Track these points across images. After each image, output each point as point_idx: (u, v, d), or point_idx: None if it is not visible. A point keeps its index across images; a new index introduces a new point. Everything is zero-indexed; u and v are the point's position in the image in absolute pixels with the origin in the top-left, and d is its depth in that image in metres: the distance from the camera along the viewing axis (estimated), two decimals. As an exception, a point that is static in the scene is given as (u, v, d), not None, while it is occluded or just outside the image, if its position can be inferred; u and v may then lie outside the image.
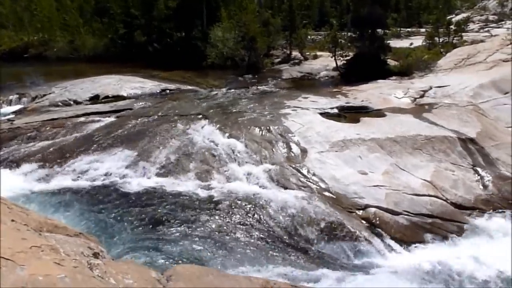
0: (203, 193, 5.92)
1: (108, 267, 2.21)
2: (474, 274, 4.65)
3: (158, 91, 11.28)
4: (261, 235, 5.08)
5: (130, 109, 9.44)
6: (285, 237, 5.11)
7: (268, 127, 7.51)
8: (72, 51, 20.67)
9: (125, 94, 10.90)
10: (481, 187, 6.34)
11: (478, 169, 6.66)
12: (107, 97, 10.72)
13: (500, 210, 5.98)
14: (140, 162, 6.79)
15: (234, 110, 8.69)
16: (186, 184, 6.17)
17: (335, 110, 8.60)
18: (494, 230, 5.53)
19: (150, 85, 11.68)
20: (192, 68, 14.48)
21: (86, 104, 10.22)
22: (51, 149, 7.33)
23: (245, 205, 5.62)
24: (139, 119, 8.52)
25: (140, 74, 13.10)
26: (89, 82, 11.74)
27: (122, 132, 7.93)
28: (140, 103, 9.92)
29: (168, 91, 11.40)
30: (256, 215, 5.41)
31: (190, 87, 11.87)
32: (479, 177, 6.52)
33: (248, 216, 5.45)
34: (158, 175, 6.47)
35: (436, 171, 6.43)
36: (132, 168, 6.66)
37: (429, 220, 5.64)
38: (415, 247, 5.18)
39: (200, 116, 8.36)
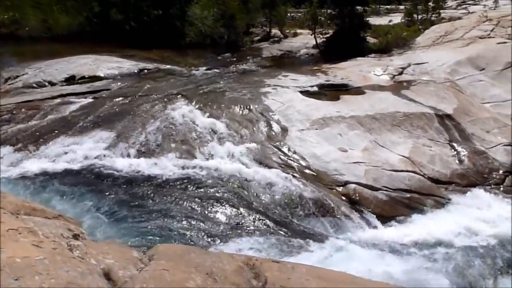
0: (184, 173, 5.90)
1: (88, 248, 2.19)
2: (451, 246, 4.81)
3: (136, 71, 11.05)
4: (243, 213, 5.12)
5: (108, 89, 9.24)
6: (266, 214, 5.16)
7: (248, 106, 7.49)
8: (45, 30, 19.97)
9: (102, 75, 10.64)
10: (457, 162, 6.51)
11: (454, 144, 6.82)
12: (83, 77, 10.45)
13: (475, 184, 6.17)
14: (119, 143, 6.70)
15: (214, 89, 8.60)
16: (167, 164, 6.13)
17: (315, 88, 8.61)
18: (469, 203, 5.71)
19: (128, 65, 11.43)
20: (170, 47, 14.19)
21: (62, 85, 9.95)
22: (26, 132, 7.15)
23: (227, 184, 5.64)
24: (117, 100, 8.37)
25: (117, 54, 12.78)
26: (64, 62, 11.41)
27: (100, 113, 7.78)
28: (118, 84, 9.72)
29: (146, 71, 11.18)
30: (237, 194, 5.44)
31: (169, 67, 11.67)
32: (455, 152, 6.68)
33: (229, 194, 5.47)
34: (138, 155, 6.40)
35: (414, 147, 6.56)
36: (112, 149, 6.57)
37: (407, 195, 5.78)
38: (394, 221, 5.32)
39: (180, 95, 8.25)
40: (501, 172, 6.39)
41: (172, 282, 1.91)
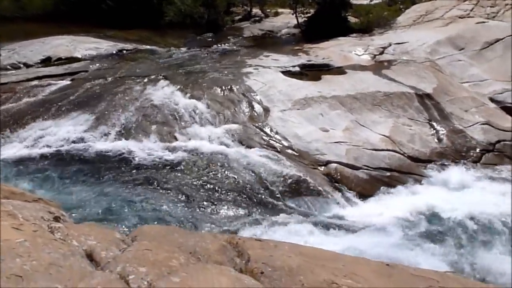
0: (166, 155, 5.87)
1: (70, 230, 2.18)
2: (430, 222, 4.95)
3: (114, 52, 10.81)
4: (226, 193, 5.14)
5: (86, 71, 9.03)
6: (249, 194, 5.20)
7: (229, 87, 7.43)
8: (18, 10, 19.25)
9: (79, 56, 10.39)
10: (436, 140, 6.63)
11: (434, 123, 6.94)
12: (60, 59, 10.18)
13: (453, 162, 6.31)
14: (99, 125, 6.60)
15: (194, 70, 8.50)
16: (148, 146, 6.08)
17: (297, 68, 8.59)
18: (448, 180, 5.86)
19: (106, 46, 11.17)
20: (149, 27, 13.88)
21: (38, 67, 9.69)
22: (2, 116, 6.97)
23: (209, 165, 5.64)
24: (96, 82, 8.20)
25: (95, 34, 12.46)
26: (39, 43, 11.08)
27: (78, 95, 7.62)
28: (96, 65, 9.51)
29: (125, 51, 10.95)
30: (220, 174, 5.45)
31: (148, 47, 11.46)
32: (434, 131, 6.80)
33: (212, 175, 5.48)
34: (118, 138, 6.32)
35: (394, 126, 6.65)
36: (91, 132, 6.47)
37: (388, 174, 5.90)
38: (374, 199, 5.44)
39: (160, 77, 8.13)
40: (478, 150, 6.55)
41: (155, 262, 1.92)
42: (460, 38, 9.77)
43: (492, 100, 7.82)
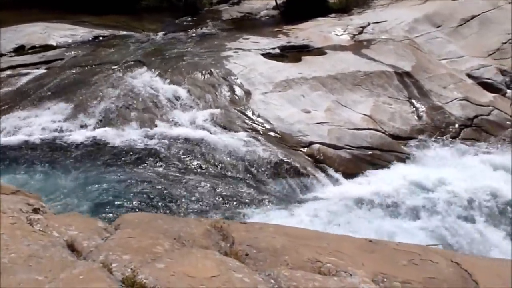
0: (148, 142, 5.80)
1: (49, 221, 2.15)
2: (411, 198, 5.05)
3: (90, 38, 10.55)
4: (210, 178, 5.13)
5: (61, 59, 8.80)
6: (233, 178, 5.20)
7: (210, 71, 7.35)
8: (-13, -2, 18.54)
9: (54, 43, 10.09)
10: (416, 117, 6.72)
11: (413, 101, 7.02)
12: (34, 47, 9.87)
13: (433, 138, 6.42)
14: (78, 114, 6.47)
15: (173, 55, 8.36)
16: (129, 134, 6.00)
17: (277, 50, 8.53)
18: (429, 156, 5.97)
19: (82, 32, 10.88)
20: (126, 12, 13.54)
21: (11, 56, 9.39)
22: (-24, 106, 6.77)
23: (192, 150, 5.60)
24: (73, 70, 8.01)
25: (69, 21, 12.09)
26: (11, 31, 10.72)
27: (55, 84, 7.44)
28: (72, 52, 9.27)
29: (101, 37, 10.68)
30: (203, 159, 5.43)
31: (125, 33, 11.20)
32: (414, 108, 6.88)
33: (195, 160, 5.46)
34: (98, 126, 6.21)
35: (375, 105, 6.70)
36: (70, 121, 6.35)
37: (369, 152, 5.97)
38: (357, 177, 5.51)
39: (138, 62, 7.99)
40: (456, 125, 6.66)
41: (138, 249, 1.91)
42: (437, 16, 9.81)
43: (469, 76, 7.92)
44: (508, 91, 7.73)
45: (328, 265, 2.01)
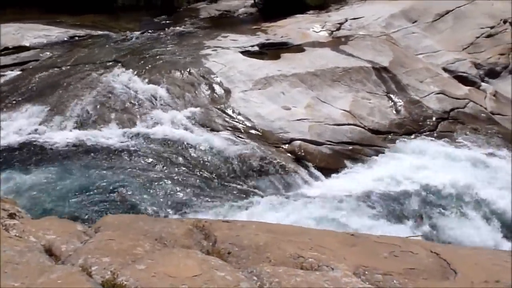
0: (127, 142, 5.74)
1: (26, 226, 2.10)
2: (392, 191, 5.12)
3: (66, 39, 10.34)
4: (191, 177, 5.10)
5: (36, 60, 8.61)
6: (215, 176, 5.18)
7: (189, 70, 7.30)
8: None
9: (28, 44, 9.86)
10: (394, 112, 6.82)
11: (391, 95, 7.11)
12: (6, 48, 9.62)
13: (411, 132, 6.53)
14: (55, 116, 6.35)
15: (151, 54, 8.27)
16: (108, 135, 5.91)
17: (256, 48, 8.52)
18: (408, 150, 6.06)
19: (57, 33, 10.65)
20: (102, 11, 13.33)
21: (-17, 58, 9.14)
22: None
23: (172, 150, 5.57)
24: (48, 71, 7.84)
25: (43, 21, 11.82)
26: (-18, 32, 10.44)
27: (30, 86, 7.28)
28: (47, 53, 9.07)
29: (77, 38, 10.49)
30: (184, 159, 5.39)
31: (102, 32, 11.02)
32: (392, 103, 6.98)
33: (176, 160, 5.41)
34: (76, 128, 6.11)
35: (354, 101, 6.77)
36: (47, 124, 6.22)
37: (350, 147, 6.03)
38: (338, 172, 5.56)
39: (116, 63, 7.87)
40: (434, 118, 6.78)
41: (119, 251, 1.88)
42: (413, 11, 9.96)
43: (445, 70, 8.07)
44: (483, 84, 7.91)
45: (310, 260, 2.02)
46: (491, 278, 2.06)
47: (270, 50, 8.51)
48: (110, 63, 7.94)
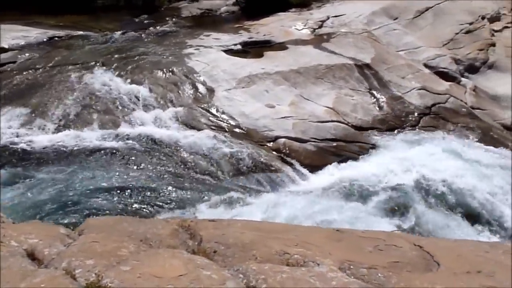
0: (111, 144, 5.67)
1: (7, 230, 2.06)
2: (376, 186, 5.18)
3: (45, 40, 10.16)
4: (176, 177, 5.08)
5: (14, 62, 8.44)
6: (199, 177, 5.17)
7: (171, 69, 7.25)
8: None
9: (5, 46, 9.64)
10: (377, 108, 6.89)
11: (374, 92, 7.19)
12: (-17, 50, 9.43)
13: (394, 127, 6.61)
14: (35, 119, 6.24)
15: (133, 54, 8.18)
16: (91, 137, 5.84)
17: (239, 46, 8.51)
18: (391, 145, 6.15)
19: (35, 33, 10.46)
20: (82, 11, 13.13)
21: (-41, 61, 8.92)
22: None
23: (156, 150, 5.52)
24: (27, 73, 7.69)
25: (22, 22, 11.60)
26: (-42, 34, 10.18)
27: (8, 88, 7.14)
28: (26, 55, 8.90)
29: (57, 38, 10.31)
30: (168, 159, 5.36)
31: (82, 33, 10.85)
32: (375, 99, 7.05)
33: (160, 160, 5.38)
34: (58, 130, 6.02)
35: (337, 98, 6.82)
36: (28, 127, 6.11)
37: (334, 144, 6.08)
38: (323, 169, 5.60)
39: (97, 63, 7.77)
40: (416, 114, 6.88)
41: (103, 253, 1.86)
42: (394, 8, 10.07)
43: (426, 66, 8.19)
44: (463, 79, 8.05)
45: (296, 256, 2.03)
46: (473, 269, 2.10)
47: (253, 49, 8.52)
48: (91, 63, 7.83)
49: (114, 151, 5.50)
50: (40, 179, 5.01)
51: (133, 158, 5.38)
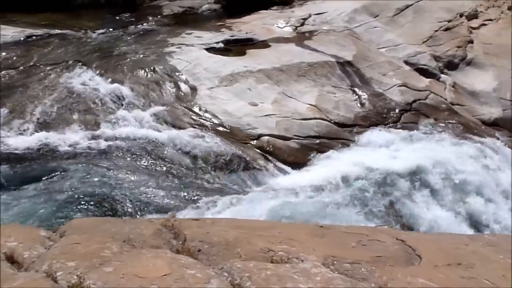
0: (93, 144, 5.59)
1: (-15, 234, 2.01)
2: (358, 181, 5.24)
3: (22, 39, 9.92)
4: (160, 177, 5.04)
5: (-9, 62, 8.25)
6: (184, 175, 5.14)
7: (153, 68, 7.19)
8: None
9: (-18, 45, 9.43)
10: (359, 105, 6.96)
11: (356, 89, 7.25)
12: (-43, 50, 9.18)
13: (376, 124, 6.69)
14: (14, 120, 6.10)
15: (114, 53, 8.09)
16: (72, 137, 5.74)
17: (221, 45, 8.48)
18: (373, 141, 6.22)
19: (12, 32, 10.20)
20: (61, 9, 12.85)
21: None
22: None
23: (140, 150, 5.47)
24: (4, 73, 7.52)
25: (-3, 21, 11.34)
26: None
27: (-15, 89, 6.96)
28: (2, 54, 8.68)
29: (35, 37, 10.08)
30: (151, 159, 5.31)
31: (61, 31, 10.65)
32: (357, 96, 7.12)
33: (143, 160, 5.33)
34: (38, 131, 5.89)
35: (320, 95, 6.86)
36: (6, 128, 5.97)
37: (317, 141, 6.12)
38: (307, 166, 5.63)
39: (77, 62, 7.65)
40: (397, 110, 6.98)
41: (85, 254, 1.84)
42: (374, 6, 10.17)
43: (406, 62, 8.30)
44: (442, 75, 8.18)
45: (280, 253, 2.04)
46: (453, 261, 2.14)
47: (236, 47, 8.49)
48: (71, 62, 7.70)
49: (95, 151, 5.42)
50: (19, 182, 4.91)
51: (115, 158, 5.31)
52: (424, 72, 8.11)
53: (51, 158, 5.36)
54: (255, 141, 5.88)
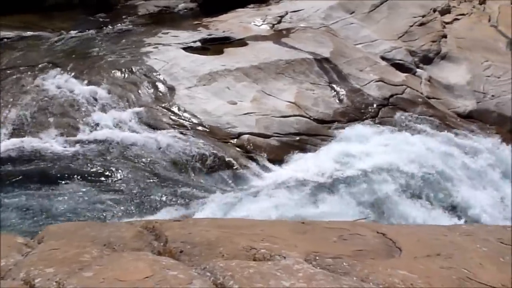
0: (70, 148, 5.50)
1: (-42, 243, 1.95)
2: (337, 177, 5.30)
3: (-7, 42, 9.68)
4: (139, 179, 4.99)
5: (-40, 66, 8.00)
6: (164, 177, 5.10)
7: (130, 69, 7.10)
8: None
9: (-51, 49, 9.14)
10: (338, 101, 7.03)
11: (334, 85, 7.32)
12: None
13: (354, 119, 6.76)
14: (-14, 125, 5.94)
15: (89, 54, 7.95)
16: (48, 142, 5.63)
17: (198, 44, 8.43)
18: (352, 136, 6.30)
19: (-18, 35, 9.94)
20: (33, 10, 12.53)
21: None
22: None
23: (119, 153, 5.41)
24: (-25, 76, 7.31)
25: (-34, 23, 11.00)
26: None
27: (-45, 94, 6.75)
28: (-27, 58, 8.45)
29: (6, 40, 9.82)
30: (131, 161, 5.26)
31: (34, 33, 10.40)
32: (335, 92, 7.19)
33: (123, 163, 5.27)
34: (12, 136, 5.76)
35: (299, 92, 6.90)
36: (-22, 133, 5.81)
37: (297, 138, 6.16)
38: (287, 163, 5.67)
39: (51, 65, 7.49)
40: (375, 105, 7.07)
41: (64, 260, 1.80)
42: (350, 3, 10.25)
43: (383, 58, 8.41)
44: (418, 70, 8.33)
45: (263, 251, 2.04)
46: (432, 252, 2.18)
47: (213, 45, 8.46)
48: (45, 65, 7.53)
49: (73, 155, 5.33)
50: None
51: (93, 161, 5.23)
52: (400, 67, 8.23)
53: (27, 163, 5.24)
54: (235, 139, 5.88)
